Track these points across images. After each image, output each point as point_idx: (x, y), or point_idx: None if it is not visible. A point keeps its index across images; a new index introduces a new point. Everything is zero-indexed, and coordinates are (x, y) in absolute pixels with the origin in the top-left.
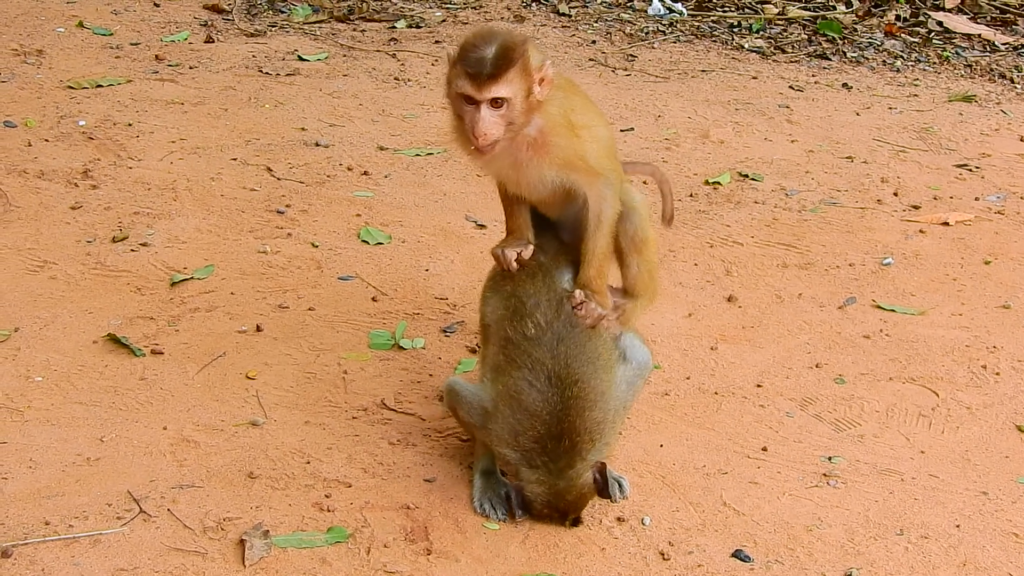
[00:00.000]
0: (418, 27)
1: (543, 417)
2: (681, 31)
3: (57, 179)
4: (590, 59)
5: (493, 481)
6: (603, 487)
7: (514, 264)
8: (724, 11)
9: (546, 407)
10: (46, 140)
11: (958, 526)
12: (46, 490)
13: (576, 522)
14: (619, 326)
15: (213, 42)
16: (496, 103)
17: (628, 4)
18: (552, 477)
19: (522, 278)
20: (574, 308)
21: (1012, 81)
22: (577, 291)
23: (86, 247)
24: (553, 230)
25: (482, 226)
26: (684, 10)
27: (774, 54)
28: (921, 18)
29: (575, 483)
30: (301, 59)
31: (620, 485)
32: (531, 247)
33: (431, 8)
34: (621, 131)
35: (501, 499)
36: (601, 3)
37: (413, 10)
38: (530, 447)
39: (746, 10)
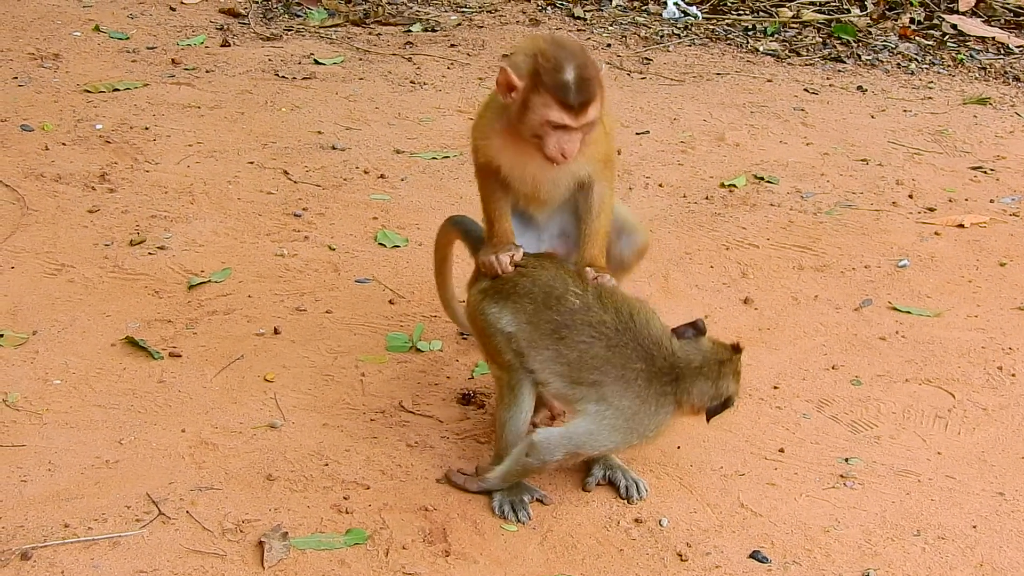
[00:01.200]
0: (433, 31)
1: (633, 359)
2: (696, 34)
3: (74, 183)
4: (605, 62)
5: (512, 483)
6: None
7: (510, 267)
8: (739, 14)
9: (629, 350)
10: (63, 144)
11: (975, 527)
12: (65, 493)
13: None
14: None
15: (229, 46)
16: (586, 127)
17: (643, 7)
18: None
19: (531, 272)
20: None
21: None
22: (587, 268)
23: (104, 250)
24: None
25: None
26: (699, 13)
27: (789, 57)
28: (935, 21)
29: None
30: (317, 63)
31: (638, 486)
32: (521, 249)
33: (446, 12)
34: (636, 134)
35: (522, 501)
36: (616, 7)
37: (428, 14)
38: (663, 387)
39: (761, 13)
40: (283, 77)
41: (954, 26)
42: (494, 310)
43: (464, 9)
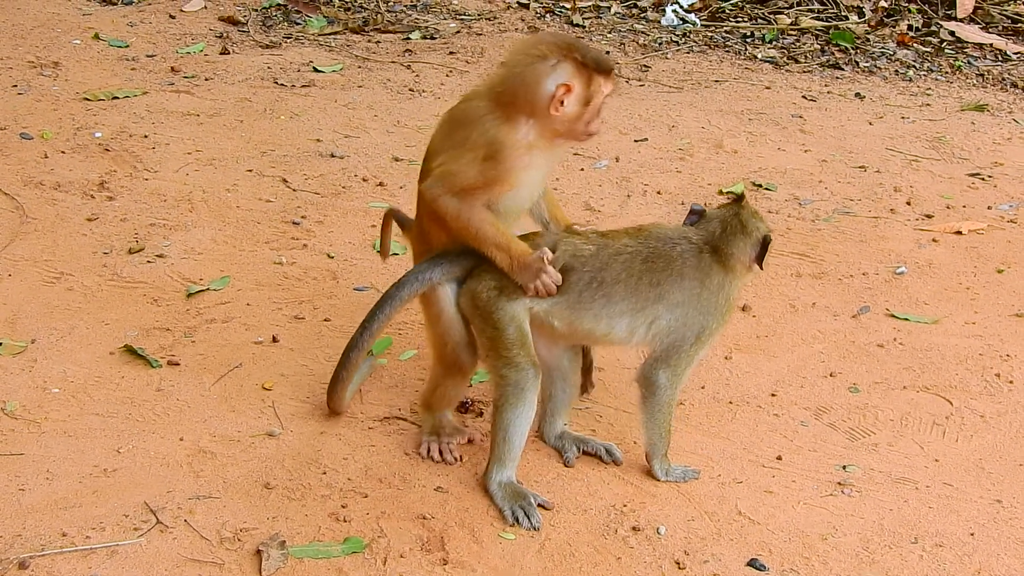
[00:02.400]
0: (432, 38)
1: (669, 256)
2: (694, 41)
3: (73, 191)
4: None
5: (514, 489)
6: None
7: (557, 275)
8: (737, 21)
9: (661, 252)
10: (62, 152)
11: (972, 534)
12: (63, 501)
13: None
14: None
15: (228, 54)
16: None
17: (641, 15)
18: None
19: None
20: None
21: None
22: (575, 225)
23: (102, 259)
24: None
25: None
26: (697, 20)
27: (787, 64)
28: (933, 28)
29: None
30: (316, 70)
31: (610, 449)
32: (546, 248)
33: (445, 19)
34: (635, 141)
35: (531, 505)
36: (615, 14)
37: (427, 21)
38: (709, 264)
39: (759, 20)
40: (282, 85)
41: (952, 33)
42: (513, 304)
43: (463, 17)
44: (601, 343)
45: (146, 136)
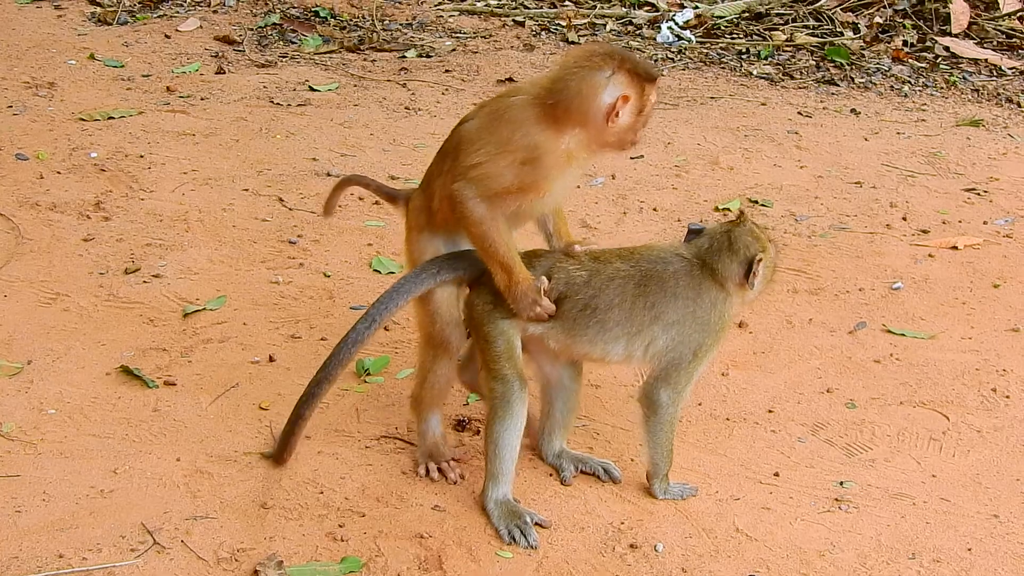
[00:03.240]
0: (428, 57)
1: (661, 276)
2: (690, 58)
3: (69, 211)
4: None
5: (510, 508)
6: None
7: (552, 306)
8: (732, 38)
9: (653, 274)
10: (58, 172)
11: (970, 549)
12: (60, 523)
13: None
14: None
15: (224, 73)
16: None
17: (637, 32)
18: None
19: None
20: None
21: (1019, 105)
22: (576, 246)
23: (98, 279)
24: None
25: None
26: (693, 37)
27: (782, 80)
28: (928, 43)
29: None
30: (312, 89)
31: (608, 469)
32: (544, 279)
33: (441, 38)
34: (631, 159)
35: (527, 524)
36: (610, 31)
37: (423, 40)
38: (700, 280)
39: (754, 37)
40: (278, 104)
41: (947, 48)
42: (506, 321)
43: (459, 35)
44: (598, 364)
45: (142, 156)
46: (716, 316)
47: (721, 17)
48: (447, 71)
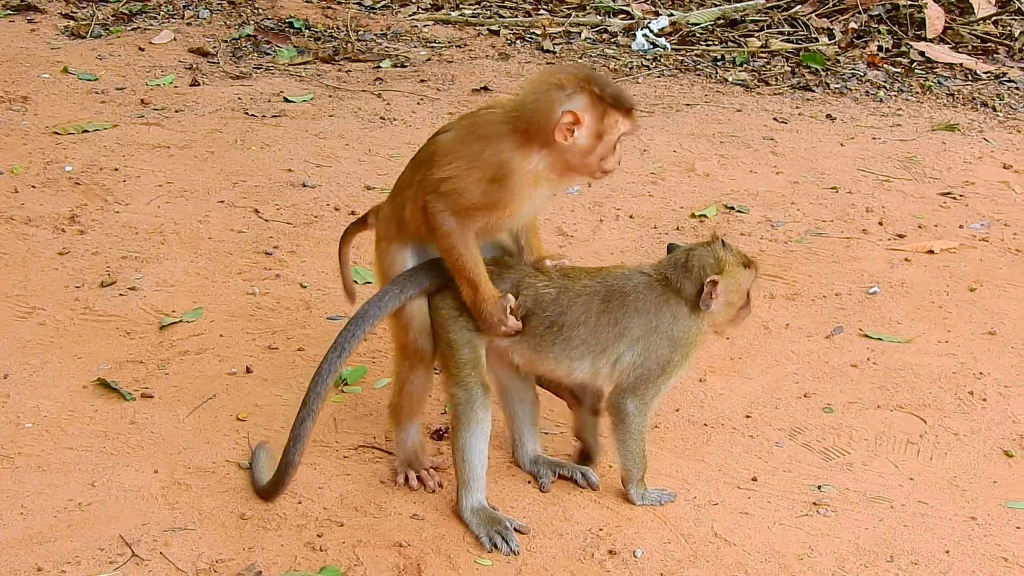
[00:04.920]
0: (403, 66)
1: (626, 293)
2: (665, 66)
3: (44, 225)
4: None
5: (487, 515)
6: None
7: (518, 322)
8: (708, 45)
9: (618, 291)
10: (32, 186)
11: (948, 552)
12: (38, 536)
13: None
14: None
15: (198, 85)
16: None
17: (612, 40)
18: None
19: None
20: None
21: (994, 109)
22: (547, 260)
23: (74, 292)
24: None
25: None
26: (668, 45)
27: (758, 87)
28: (903, 48)
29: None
30: (287, 100)
31: (586, 474)
32: (510, 297)
33: (416, 47)
34: None
35: (507, 529)
36: (585, 39)
37: (398, 50)
38: (662, 296)
39: (729, 43)
40: (253, 115)
41: (922, 53)
42: (471, 331)
43: (433, 44)
44: (565, 381)
45: (117, 169)
46: (680, 331)
47: (696, 24)
48: (422, 81)
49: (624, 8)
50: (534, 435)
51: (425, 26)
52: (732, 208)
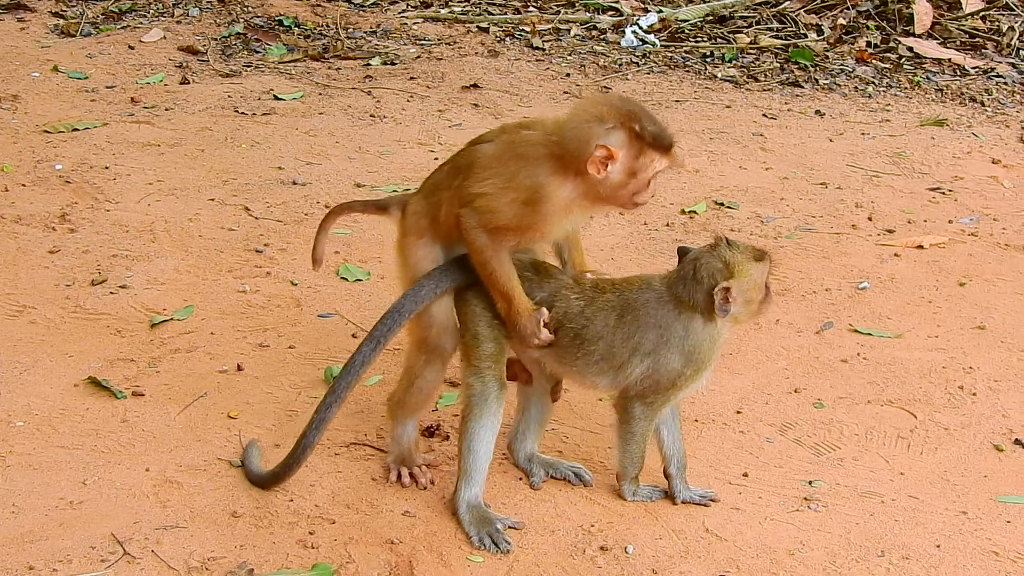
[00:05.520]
0: (393, 64)
1: (639, 305)
2: (654, 62)
3: (34, 223)
4: (564, 92)
5: (481, 514)
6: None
7: (550, 335)
8: (697, 41)
9: (634, 304)
10: (23, 185)
11: (938, 546)
12: (29, 535)
13: None
14: None
15: (188, 83)
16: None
17: (601, 36)
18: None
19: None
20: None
21: (983, 104)
22: (587, 273)
23: (65, 291)
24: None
25: None
26: (657, 41)
27: (747, 83)
28: (891, 44)
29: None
30: (277, 98)
31: (579, 473)
32: (544, 310)
33: (405, 45)
34: None
35: (498, 531)
36: (574, 36)
37: (387, 47)
38: (673, 306)
39: (718, 40)
40: (243, 113)
41: (910, 49)
42: (501, 329)
43: (423, 42)
44: (590, 391)
45: (107, 167)
46: (692, 344)
47: (685, 21)
48: (412, 78)
49: (613, 5)
50: (537, 434)
51: (415, 23)
52: (722, 204)
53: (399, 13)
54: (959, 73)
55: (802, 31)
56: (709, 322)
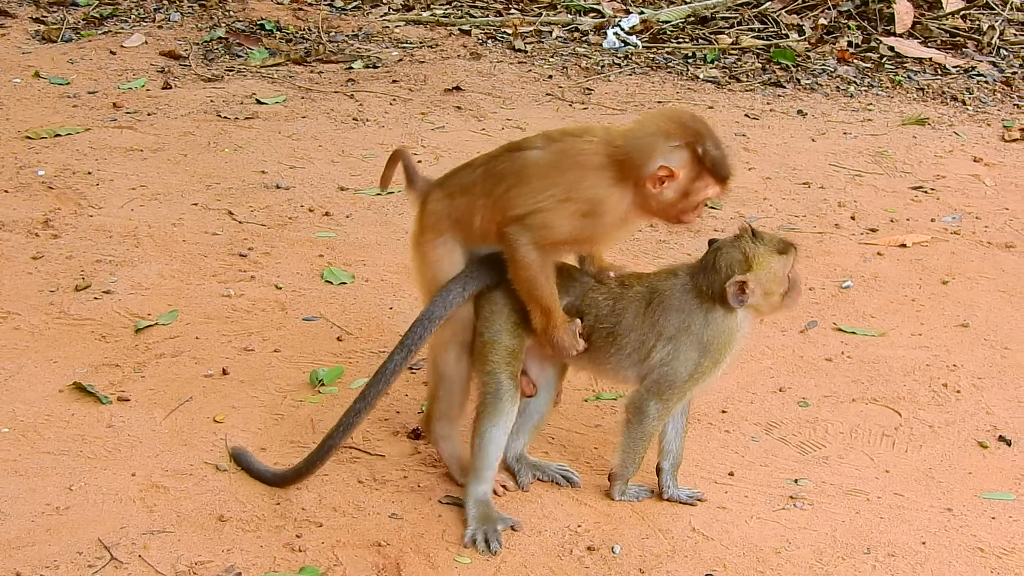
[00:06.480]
0: (375, 67)
1: (664, 295)
2: (637, 63)
3: (18, 230)
4: (547, 94)
5: (485, 511)
6: None
7: (584, 343)
8: (678, 42)
9: (657, 293)
10: (5, 191)
11: (924, 543)
12: (16, 541)
13: None
14: None
15: (171, 88)
16: None
17: (583, 38)
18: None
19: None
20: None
21: (964, 103)
22: (610, 272)
23: (49, 296)
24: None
25: None
26: (639, 43)
27: (729, 83)
28: (873, 44)
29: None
30: (259, 102)
31: (568, 476)
32: (577, 321)
33: (387, 48)
34: None
35: (495, 532)
36: (557, 38)
37: (370, 51)
38: (693, 295)
39: (700, 41)
40: (225, 118)
41: (891, 48)
42: (521, 328)
43: (405, 45)
44: (622, 385)
45: (90, 173)
46: (711, 335)
47: (667, 22)
48: (394, 81)
49: (595, 7)
50: (530, 435)
51: (397, 27)
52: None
53: (381, 16)
54: (940, 72)
55: (783, 31)
56: (729, 314)
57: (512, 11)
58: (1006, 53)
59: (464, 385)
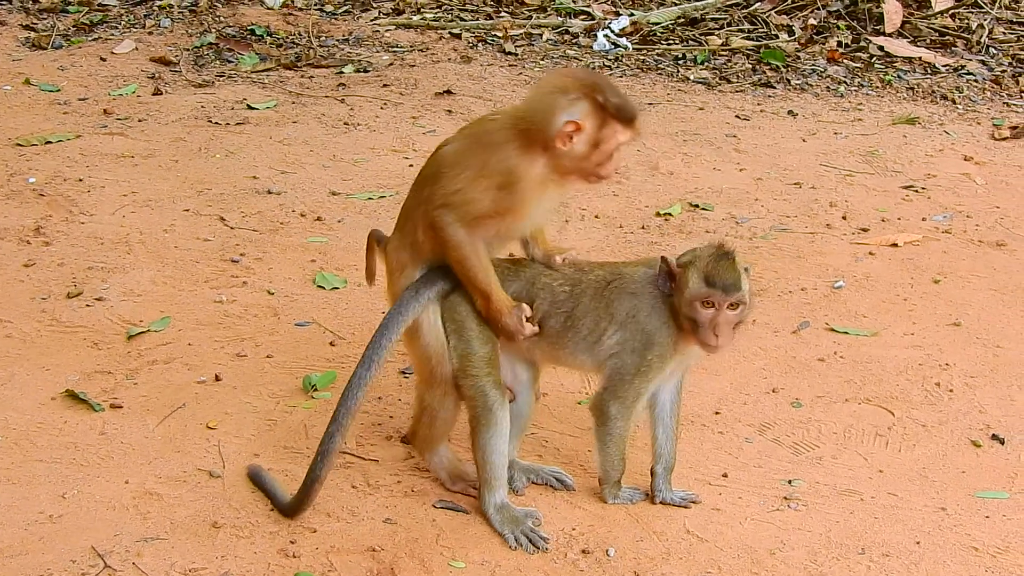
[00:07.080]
0: (366, 71)
1: (619, 282)
2: (627, 65)
3: (9, 237)
4: None
5: (510, 514)
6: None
7: (533, 327)
8: (669, 44)
9: (617, 280)
10: None
11: (918, 543)
12: (9, 550)
13: None
14: None
15: (161, 94)
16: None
17: (574, 41)
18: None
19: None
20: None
21: (954, 102)
22: (556, 256)
23: (40, 304)
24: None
25: None
26: (629, 44)
27: (719, 85)
28: (862, 43)
29: None
30: (250, 108)
31: (561, 477)
32: (524, 306)
33: (378, 52)
34: None
35: (531, 529)
36: (547, 41)
37: (360, 55)
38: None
39: (690, 42)
40: (216, 123)
41: (881, 48)
42: (485, 332)
43: (395, 49)
44: (579, 371)
45: (81, 180)
46: (653, 327)
47: (657, 23)
48: (385, 85)
49: (585, 9)
50: (516, 440)
51: (387, 31)
52: (697, 206)
53: (371, 20)
54: (930, 71)
55: (773, 32)
56: (665, 308)
57: (502, 14)
58: (995, 52)
59: (450, 419)
